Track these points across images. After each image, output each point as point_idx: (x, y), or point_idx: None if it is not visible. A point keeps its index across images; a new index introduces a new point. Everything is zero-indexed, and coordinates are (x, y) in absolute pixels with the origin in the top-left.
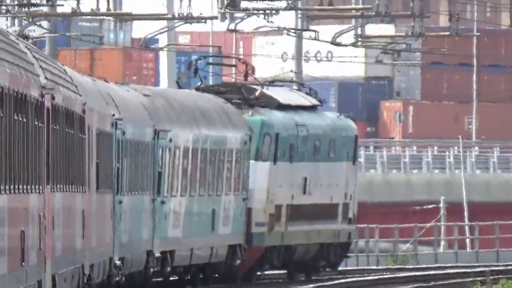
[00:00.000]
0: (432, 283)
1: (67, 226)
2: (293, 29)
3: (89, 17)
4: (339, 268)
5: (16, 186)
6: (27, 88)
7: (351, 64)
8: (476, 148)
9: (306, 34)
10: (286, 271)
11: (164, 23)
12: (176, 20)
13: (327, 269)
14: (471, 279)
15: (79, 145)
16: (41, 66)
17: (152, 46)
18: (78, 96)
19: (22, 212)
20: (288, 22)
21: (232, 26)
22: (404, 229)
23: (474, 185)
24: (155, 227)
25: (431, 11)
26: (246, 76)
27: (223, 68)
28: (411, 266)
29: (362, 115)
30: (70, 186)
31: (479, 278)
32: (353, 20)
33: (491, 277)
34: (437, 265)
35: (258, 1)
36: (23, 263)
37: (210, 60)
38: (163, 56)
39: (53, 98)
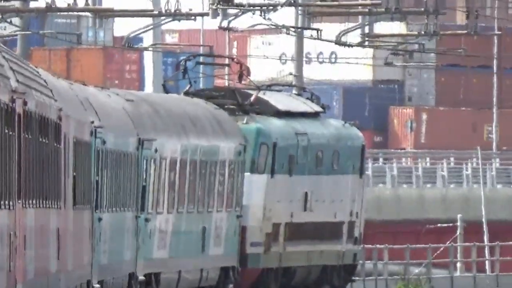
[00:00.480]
0: None
1: (40, 246)
2: (292, 27)
3: (66, 13)
4: None
5: None
6: None
7: (357, 67)
8: (497, 160)
9: (307, 33)
10: None
11: (149, 20)
12: (162, 17)
13: None
14: None
15: (54, 156)
16: (11, 68)
17: (136, 46)
18: (53, 101)
19: None
20: (287, 20)
21: (224, 24)
22: (416, 250)
23: (495, 202)
24: (139, 247)
25: (446, 8)
26: (240, 78)
27: (214, 70)
28: None
29: (369, 123)
30: (44, 201)
31: None
32: (360, 17)
33: None
34: None
35: None
36: None
37: (201, 60)
38: (148, 57)
39: (25, 103)
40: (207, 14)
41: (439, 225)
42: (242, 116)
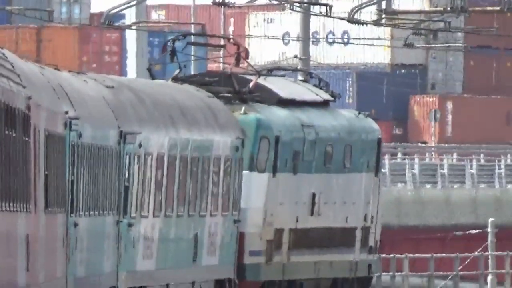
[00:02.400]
0: None
1: (6, 255)
2: (298, 2)
3: None
4: None
5: None
6: None
7: (373, 48)
8: None
9: (315, 9)
10: None
11: None
12: None
13: None
14: None
15: (22, 151)
16: None
17: (117, 24)
18: (21, 88)
19: None
20: None
21: None
22: (441, 260)
23: None
24: (121, 257)
25: None
26: (237, 61)
27: (207, 52)
28: None
29: (387, 113)
30: (10, 204)
31: None
32: None
33: None
34: None
35: None
36: None
37: (192, 40)
38: (130, 36)
39: None
40: None
41: (467, 231)
42: (239, 105)
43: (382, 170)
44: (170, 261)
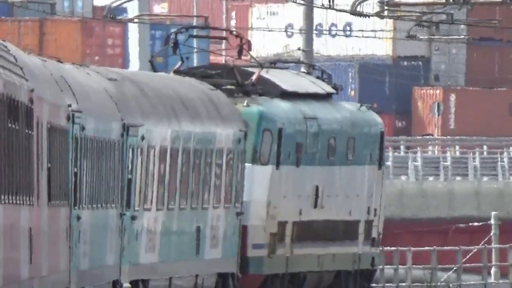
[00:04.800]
0: None
1: (9, 248)
2: None
3: None
4: None
5: None
6: None
7: (375, 40)
8: None
9: (317, 1)
10: None
11: None
12: None
13: None
14: None
15: (25, 144)
16: None
17: (119, 17)
18: (23, 81)
19: None
20: None
21: None
22: (444, 253)
23: None
24: (124, 250)
25: None
26: (240, 53)
27: (210, 45)
28: None
29: (390, 106)
30: (13, 197)
31: None
32: None
33: None
34: None
35: None
36: None
37: (194, 32)
38: (133, 29)
39: None
40: None
41: (470, 224)
42: (242, 98)
43: (385, 163)
44: (173, 254)
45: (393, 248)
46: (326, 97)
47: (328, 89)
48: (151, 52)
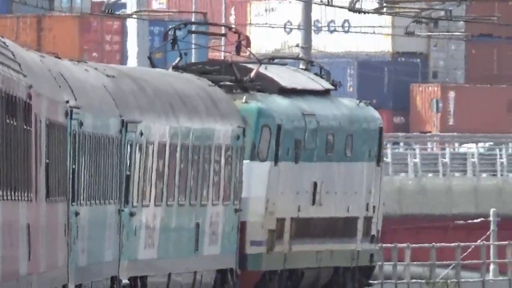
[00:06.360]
0: None
1: (8, 244)
2: None
3: None
4: None
5: None
6: None
7: (374, 37)
8: None
9: None
10: None
11: None
12: None
13: None
14: None
15: (23, 140)
16: None
17: (118, 13)
18: (21, 76)
19: None
20: None
21: None
22: (443, 250)
23: None
24: (122, 246)
25: None
26: (238, 50)
27: (208, 41)
28: None
29: (388, 102)
30: (11, 193)
31: None
32: None
33: None
34: None
35: None
36: None
37: (193, 28)
38: (131, 25)
39: None
40: None
41: (469, 220)
42: (240, 94)
43: (384, 159)
44: (172, 251)
45: (391, 244)
46: (324, 93)
47: (327, 85)
48: (150, 48)
